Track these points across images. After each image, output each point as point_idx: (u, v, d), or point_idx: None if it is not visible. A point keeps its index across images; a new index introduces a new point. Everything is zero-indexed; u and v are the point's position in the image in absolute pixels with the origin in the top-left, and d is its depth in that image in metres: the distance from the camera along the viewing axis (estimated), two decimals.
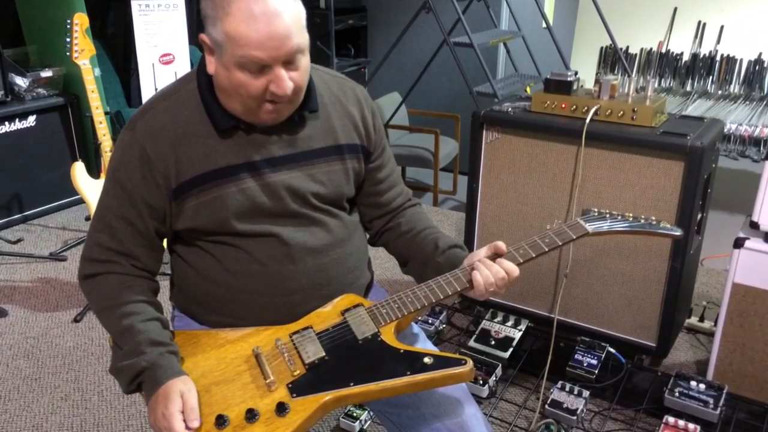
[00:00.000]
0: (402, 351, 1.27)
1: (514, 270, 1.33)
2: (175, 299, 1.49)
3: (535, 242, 1.38)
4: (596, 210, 1.46)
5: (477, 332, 2.46)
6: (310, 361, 1.26)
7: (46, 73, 3.72)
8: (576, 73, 2.43)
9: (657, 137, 2.18)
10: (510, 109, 2.45)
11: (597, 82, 2.36)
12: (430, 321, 2.57)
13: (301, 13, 1.21)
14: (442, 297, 1.34)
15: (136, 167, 1.28)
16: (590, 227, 1.41)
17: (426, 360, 1.25)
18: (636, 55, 6.04)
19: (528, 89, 3.95)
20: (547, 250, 1.38)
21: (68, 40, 2.75)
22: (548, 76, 2.42)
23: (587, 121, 2.26)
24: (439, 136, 4.34)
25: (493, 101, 3.45)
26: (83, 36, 2.78)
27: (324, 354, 1.27)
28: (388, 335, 1.31)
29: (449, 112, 4.74)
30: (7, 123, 3.54)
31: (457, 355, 1.27)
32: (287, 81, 1.20)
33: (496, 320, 2.49)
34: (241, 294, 1.35)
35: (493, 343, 2.40)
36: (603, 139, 2.27)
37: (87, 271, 1.34)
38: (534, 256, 1.37)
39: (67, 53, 2.78)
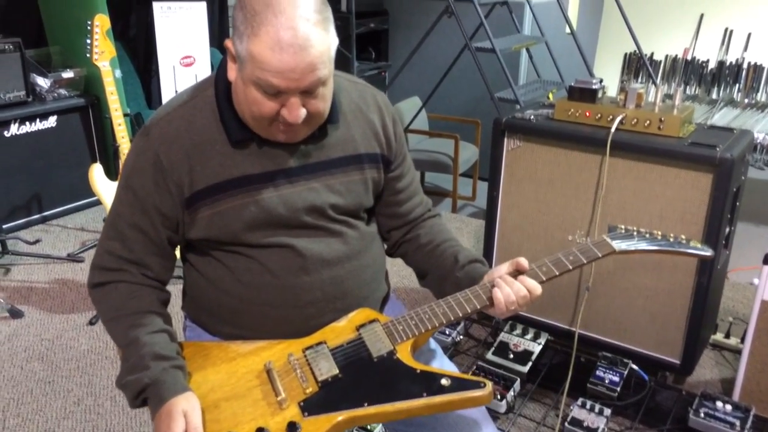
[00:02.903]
0: (418, 371, 1.23)
1: (537, 288, 1.28)
2: (187, 309, 1.46)
3: (559, 259, 1.33)
4: (623, 227, 1.41)
5: (495, 345, 2.41)
6: (323, 378, 1.22)
7: (68, 74, 3.73)
8: (601, 81, 2.37)
9: (685, 148, 2.11)
10: (532, 116, 2.40)
11: (623, 90, 2.30)
12: (447, 332, 2.52)
13: (332, 44, 1.16)
14: (461, 315, 1.29)
15: (149, 174, 1.25)
16: (617, 245, 1.35)
17: (443, 381, 1.20)
18: (661, 61, 5.94)
19: (550, 95, 3.89)
20: (571, 268, 1.33)
21: (88, 41, 2.74)
22: (572, 84, 2.37)
23: (612, 130, 2.20)
24: (458, 142, 4.30)
25: (514, 107, 3.40)
26: (103, 37, 2.77)
27: (338, 371, 1.23)
28: (404, 353, 1.26)
29: (470, 117, 4.69)
30: (28, 123, 3.55)
31: (475, 377, 1.22)
32: (299, 110, 1.17)
33: (515, 333, 2.44)
34: (254, 306, 1.31)
35: (511, 356, 2.35)
36: (628, 149, 2.20)
37: (96, 280, 1.31)
38: (557, 274, 1.32)
39: (87, 55, 2.77)
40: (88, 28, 2.74)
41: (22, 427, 2.23)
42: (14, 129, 3.49)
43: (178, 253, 1.39)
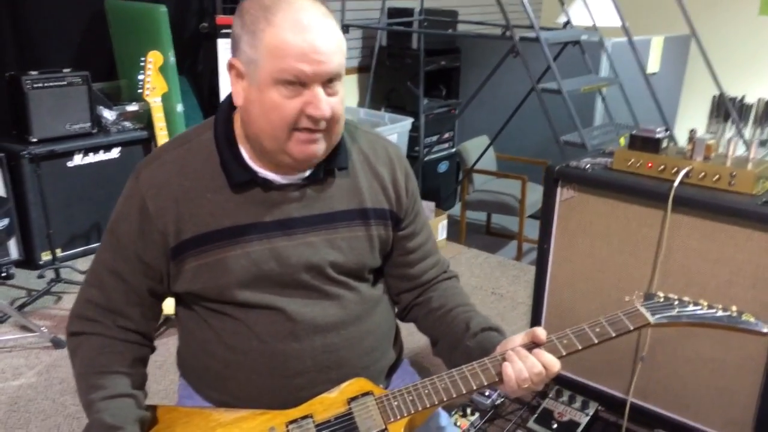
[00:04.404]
0: None
1: (554, 364, 1.12)
2: (180, 366, 1.36)
3: (583, 331, 1.16)
4: (662, 295, 1.23)
5: (538, 412, 2.20)
6: None
7: (132, 107, 3.80)
8: (666, 129, 2.17)
9: (758, 207, 1.88)
10: (588, 165, 2.22)
11: (690, 140, 2.09)
12: (486, 393, 2.33)
13: (344, 39, 1.12)
14: (464, 391, 1.14)
15: (135, 221, 1.18)
16: (653, 317, 1.17)
17: None
18: (753, 105, 5.57)
19: (622, 140, 3.66)
20: (596, 341, 1.16)
21: (141, 77, 2.77)
22: (634, 132, 2.18)
23: (675, 184, 1.99)
24: (526, 183, 4.13)
25: (583, 152, 3.20)
26: (156, 73, 2.78)
27: None
28: None
29: (539, 158, 4.51)
30: (91, 154, 3.62)
31: None
32: (325, 102, 1.08)
33: (560, 400, 2.23)
34: (239, 372, 1.20)
35: (555, 426, 2.14)
36: (693, 206, 1.99)
37: (72, 329, 1.24)
38: (580, 348, 1.16)
39: (140, 90, 2.79)
40: (141, 63, 2.76)
41: None
42: (78, 159, 3.56)
43: (169, 307, 1.31)
